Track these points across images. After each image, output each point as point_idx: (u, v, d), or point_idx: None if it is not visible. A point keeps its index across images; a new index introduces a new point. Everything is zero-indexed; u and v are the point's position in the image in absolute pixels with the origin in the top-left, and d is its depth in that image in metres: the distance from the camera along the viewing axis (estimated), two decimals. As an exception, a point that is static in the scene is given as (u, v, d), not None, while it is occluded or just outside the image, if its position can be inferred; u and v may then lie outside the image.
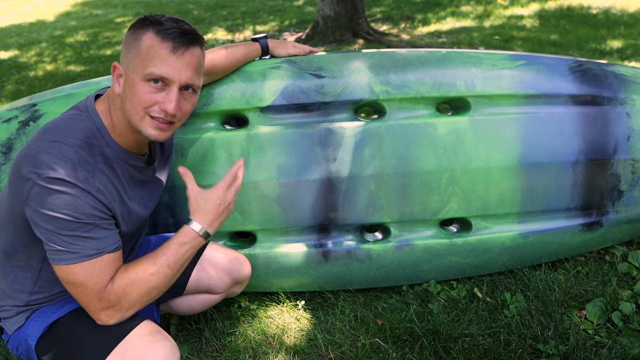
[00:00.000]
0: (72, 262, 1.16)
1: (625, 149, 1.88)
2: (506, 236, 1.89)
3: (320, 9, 5.96)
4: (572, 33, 5.81)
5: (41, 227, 1.16)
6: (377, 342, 1.71)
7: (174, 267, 1.25)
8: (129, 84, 1.20)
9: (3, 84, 5.07)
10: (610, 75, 1.92)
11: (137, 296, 1.22)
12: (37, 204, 1.14)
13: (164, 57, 1.18)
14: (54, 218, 1.14)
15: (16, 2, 11.52)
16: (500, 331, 1.71)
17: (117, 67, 1.24)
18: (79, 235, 1.16)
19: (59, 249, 1.16)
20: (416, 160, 1.79)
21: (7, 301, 1.34)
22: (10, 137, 1.70)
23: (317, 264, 1.85)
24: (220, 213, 1.30)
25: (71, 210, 1.14)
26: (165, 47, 1.18)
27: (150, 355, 1.20)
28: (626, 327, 1.72)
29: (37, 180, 1.13)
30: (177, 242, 1.25)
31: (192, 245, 1.27)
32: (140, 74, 1.19)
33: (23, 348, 1.35)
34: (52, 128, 1.20)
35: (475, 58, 1.84)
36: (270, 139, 1.77)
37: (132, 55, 1.20)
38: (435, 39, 5.90)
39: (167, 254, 1.24)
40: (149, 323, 1.28)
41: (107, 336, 1.23)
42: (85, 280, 1.18)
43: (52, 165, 1.13)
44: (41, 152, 1.15)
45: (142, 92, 1.19)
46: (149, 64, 1.18)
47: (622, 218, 1.97)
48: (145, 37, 1.19)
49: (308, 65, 1.80)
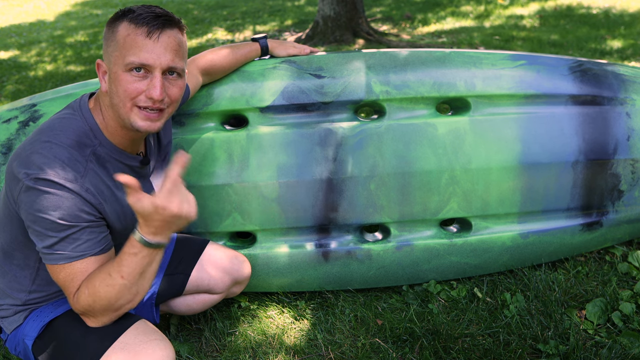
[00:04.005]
0: (56, 262, 1.16)
1: (625, 148, 1.88)
2: (506, 236, 1.89)
3: (320, 9, 5.96)
4: (572, 33, 5.81)
5: (30, 228, 1.17)
6: (377, 342, 1.71)
7: (129, 277, 1.14)
8: (112, 78, 1.19)
9: (3, 84, 5.07)
10: (610, 75, 1.92)
11: (101, 307, 1.17)
12: (26, 204, 1.14)
13: (141, 43, 1.16)
14: (41, 218, 1.14)
15: (16, 2, 11.52)
16: (500, 331, 1.71)
17: (100, 64, 1.23)
18: (64, 237, 1.15)
19: (44, 246, 1.16)
20: (416, 160, 1.79)
21: (6, 300, 1.34)
22: (10, 138, 1.70)
23: (317, 264, 1.85)
24: (166, 222, 1.09)
25: (58, 212, 1.13)
26: (140, 33, 1.17)
27: (144, 356, 1.20)
28: (626, 327, 1.72)
29: (26, 181, 1.13)
30: (127, 252, 1.13)
31: (144, 255, 1.13)
32: (121, 65, 1.17)
33: (21, 348, 1.35)
34: (45, 128, 1.21)
35: (475, 58, 1.84)
36: (270, 139, 1.77)
37: (112, 49, 1.19)
38: (435, 39, 5.90)
39: (120, 265, 1.14)
40: (144, 323, 1.28)
41: (101, 336, 1.23)
42: (65, 283, 1.18)
43: (41, 166, 1.13)
44: (33, 153, 1.15)
45: (125, 83, 1.17)
46: (127, 53, 1.16)
47: (622, 218, 1.97)
48: (120, 28, 1.19)
49: (308, 65, 1.80)
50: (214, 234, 1.84)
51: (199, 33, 6.87)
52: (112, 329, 1.23)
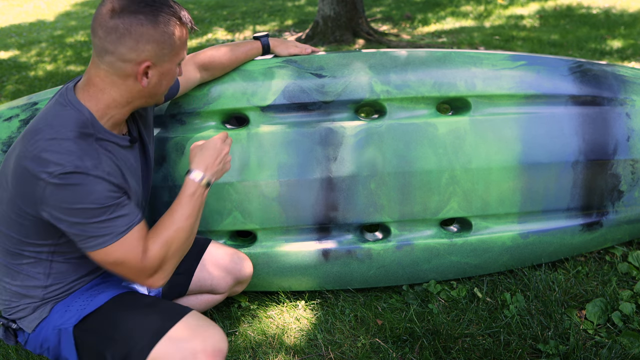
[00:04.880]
0: (107, 243, 1.20)
1: (625, 149, 1.88)
2: (506, 236, 1.89)
3: (320, 9, 5.96)
4: (572, 33, 5.81)
5: (67, 222, 1.18)
6: (377, 342, 1.71)
7: (192, 217, 1.31)
8: (164, 74, 1.28)
9: (3, 84, 5.07)
10: (610, 76, 1.92)
11: (172, 254, 1.29)
12: (57, 201, 1.16)
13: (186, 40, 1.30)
14: (78, 210, 1.16)
15: (16, 2, 11.51)
16: (500, 331, 1.71)
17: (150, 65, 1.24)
18: (107, 219, 1.19)
19: (91, 236, 1.19)
20: (416, 160, 1.79)
21: (23, 300, 1.33)
22: (11, 136, 1.70)
23: (317, 263, 1.85)
24: (217, 161, 1.37)
25: (92, 198, 1.17)
26: (186, 32, 1.30)
27: (209, 335, 1.25)
28: (626, 327, 1.72)
29: (50, 179, 1.14)
30: (186, 195, 1.31)
31: (199, 194, 1.33)
32: (176, 62, 1.29)
33: (52, 341, 1.33)
34: (43, 127, 1.20)
35: (476, 58, 1.84)
36: (271, 138, 1.77)
37: (167, 50, 1.25)
38: (435, 39, 5.90)
39: (182, 209, 1.30)
40: (196, 313, 1.33)
41: (162, 318, 1.27)
42: (124, 257, 1.22)
43: (59, 162, 1.14)
44: (43, 152, 1.15)
45: (174, 73, 1.30)
46: (181, 51, 1.29)
47: (622, 218, 1.98)
48: (175, 30, 1.25)
49: (309, 64, 1.80)
50: (214, 232, 1.84)
51: (199, 33, 6.87)
52: (172, 313, 1.29)
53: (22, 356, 1.70)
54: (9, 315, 1.35)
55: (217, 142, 1.38)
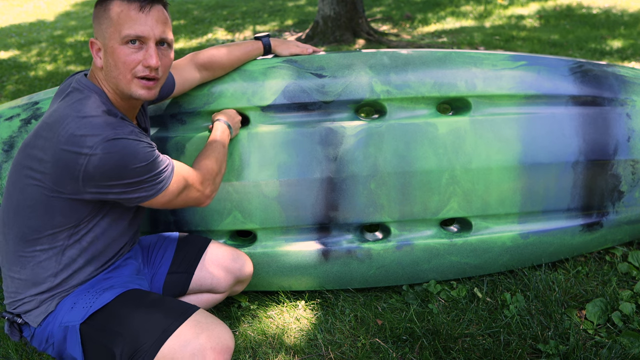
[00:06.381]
0: (169, 180, 1.32)
1: (625, 149, 1.88)
2: (506, 236, 1.89)
3: (320, 9, 5.96)
4: (572, 33, 5.82)
5: (121, 187, 1.24)
6: (377, 342, 1.71)
7: (225, 147, 1.60)
8: (109, 53, 1.28)
9: (3, 84, 5.07)
10: (611, 76, 1.92)
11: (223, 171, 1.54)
12: (107, 171, 1.20)
13: (135, 17, 1.27)
14: (130, 170, 1.22)
15: (16, 2, 11.52)
16: (500, 331, 1.71)
17: (94, 42, 1.32)
18: (159, 166, 1.29)
19: (152, 186, 1.28)
20: (416, 160, 1.79)
21: (29, 291, 1.32)
22: (12, 135, 1.70)
23: (317, 263, 1.85)
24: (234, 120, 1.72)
25: (140, 157, 1.23)
26: (133, 8, 1.27)
27: (217, 333, 1.26)
28: (626, 327, 1.72)
29: (94, 152, 1.18)
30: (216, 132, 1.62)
31: (226, 132, 1.65)
32: (118, 40, 1.27)
33: (57, 337, 1.32)
34: (69, 113, 1.22)
35: (476, 58, 1.84)
36: (271, 137, 1.77)
37: (105, 26, 1.28)
38: (435, 39, 5.91)
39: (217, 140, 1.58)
40: (203, 311, 1.34)
41: (170, 315, 1.28)
42: (187, 180, 1.38)
43: (98, 133, 1.19)
44: (77, 130, 1.19)
45: (124, 55, 1.27)
46: (122, 27, 1.26)
47: (622, 219, 1.98)
48: (113, 6, 1.28)
49: (309, 64, 1.80)
50: (214, 232, 1.85)
51: (199, 33, 6.87)
52: (180, 311, 1.30)
53: (22, 356, 1.70)
54: (14, 310, 1.35)
55: (233, 111, 1.74)
